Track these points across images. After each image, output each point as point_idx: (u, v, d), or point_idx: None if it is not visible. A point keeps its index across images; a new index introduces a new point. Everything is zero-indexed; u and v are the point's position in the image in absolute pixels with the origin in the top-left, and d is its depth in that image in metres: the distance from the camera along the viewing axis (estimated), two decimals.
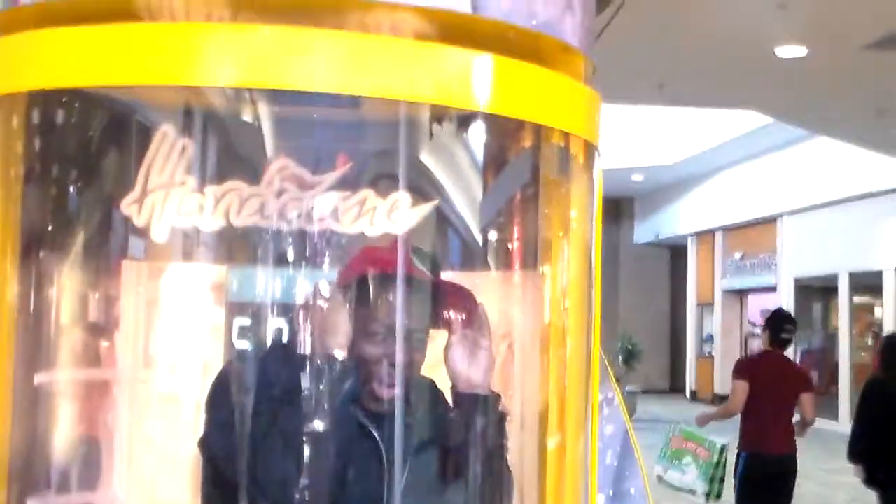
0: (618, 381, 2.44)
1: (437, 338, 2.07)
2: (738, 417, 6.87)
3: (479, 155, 2.12)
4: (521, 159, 2.06)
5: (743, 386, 6.70)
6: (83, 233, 2.15)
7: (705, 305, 24.03)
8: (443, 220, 2.18)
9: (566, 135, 1.92)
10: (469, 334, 2.00)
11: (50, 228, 2.10)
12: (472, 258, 2.27)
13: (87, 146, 2.20)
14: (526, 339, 2.10)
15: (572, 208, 1.99)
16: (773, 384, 6.69)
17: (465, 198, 2.17)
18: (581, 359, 1.93)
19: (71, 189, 2.17)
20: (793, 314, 7.73)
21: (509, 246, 2.19)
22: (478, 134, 2.07)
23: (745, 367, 7.04)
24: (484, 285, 2.21)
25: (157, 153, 2.16)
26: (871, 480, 6.64)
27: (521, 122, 1.90)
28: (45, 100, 1.91)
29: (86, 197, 2.19)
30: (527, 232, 2.13)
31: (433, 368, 2.08)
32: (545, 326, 2.02)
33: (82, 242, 2.13)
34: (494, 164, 2.14)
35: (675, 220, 24.49)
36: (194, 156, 2.15)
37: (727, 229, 22.73)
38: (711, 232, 23.29)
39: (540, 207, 2.06)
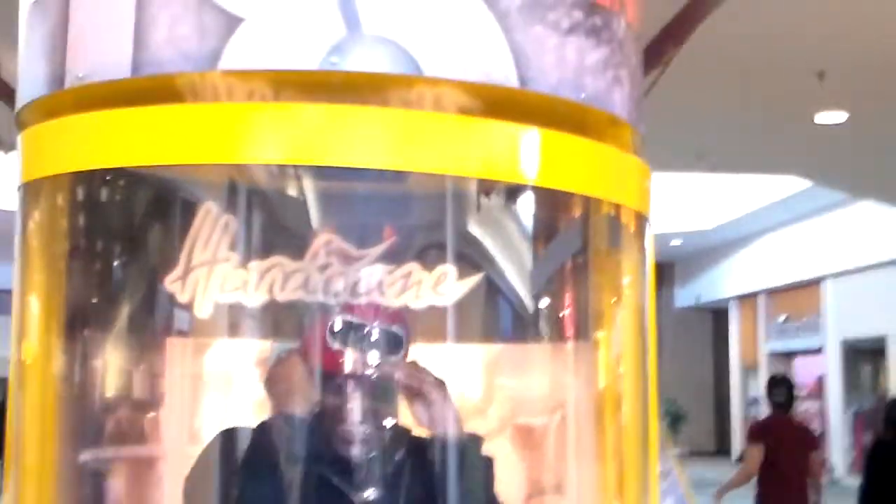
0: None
1: None
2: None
3: (528, 226, 2.09)
4: (571, 231, 2.03)
5: (758, 449, 6.87)
6: (127, 310, 2.14)
7: (750, 369, 23.69)
8: (492, 291, 2.14)
9: (616, 206, 1.89)
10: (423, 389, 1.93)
11: (94, 306, 2.09)
12: (521, 330, 2.23)
13: (131, 223, 2.19)
14: (580, 410, 2.05)
15: (624, 277, 1.95)
16: (784, 446, 6.84)
17: (514, 269, 2.13)
18: (638, 428, 1.87)
19: (115, 266, 2.16)
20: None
21: (560, 316, 2.14)
22: (526, 206, 2.04)
23: (758, 431, 7.19)
24: (535, 357, 2.17)
25: (201, 230, 2.15)
26: None
27: (570, 193, 1.88)
28: (89, 178, 1.91)
29: (129, 274, 2.18)
30: (578, 302, 2.09)
31: None
32: (599, 397, 1.97)
33: (126, 319, 2.12)
34: (544, 235, 2.11)
35: (717, 283, 24.24)
36: (238, 232, 2.14)
37: (770, 292, 22.46)
38: (754, 295, 23.01)
39: (591, 278, 2.02)
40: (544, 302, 2.20)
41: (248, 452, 1.90)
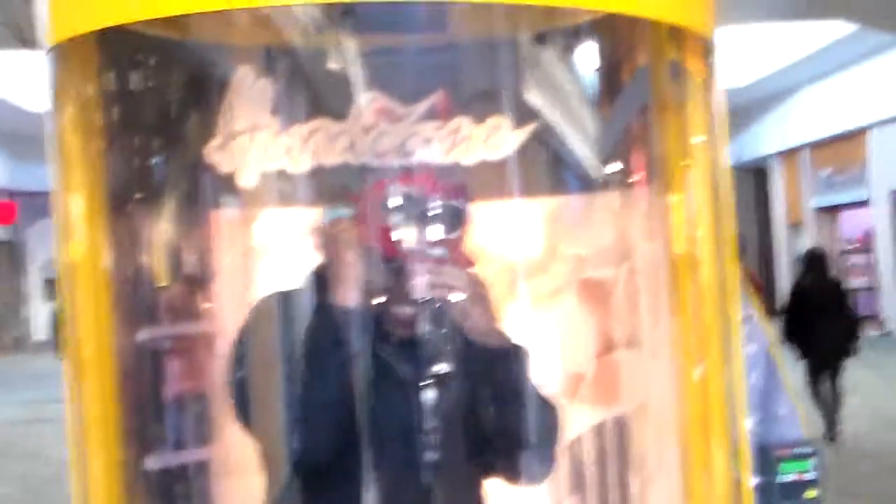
0: None
1: None
2: None
3: (586, 72, 1.96)
4: (633, 75, 1.90)
5: None
6: (169, 187, 2.05)
7: (795, 226, 23.52)
8: (547, 141, 2.03)
9: (680, 44, 1.74)
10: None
11: (135, 187, 2.00)
12: (582, 180, 2.12)
13: (166, 98, 2.09)
14: (649, 260, 1.94)
15: (693, 118, 1.82)
16: None
17: (572, 119, 2.01)
18: (715, 278, 1.76)
19: (152, 144, 2.07)
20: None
21: (625, 163, 2.03)
22: (583, 51, 1.91)
23: None
24: (598, 208, 2.07)
25: (238, 96, 2.05)
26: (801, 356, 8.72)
27: (628, 29, 1.74)
28: (120, 49, 1.80)
29: (168, 150, 2.09)
30: (643, 149, 1.97)
31: None
32: (671, 245, 1.85)
33: (169, 197, 2.03)
34: (604, 81, 1.98)
35: (757, 141, 23.90)
36: (276, 97, 2.03)
37: (813, 146, 22.14)
38: (796, 150, 22.70)
39: (653, 122, 1.89)
40: (606, 150, 2.07)
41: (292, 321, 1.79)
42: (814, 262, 9.29)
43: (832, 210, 22.30)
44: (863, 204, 20.49)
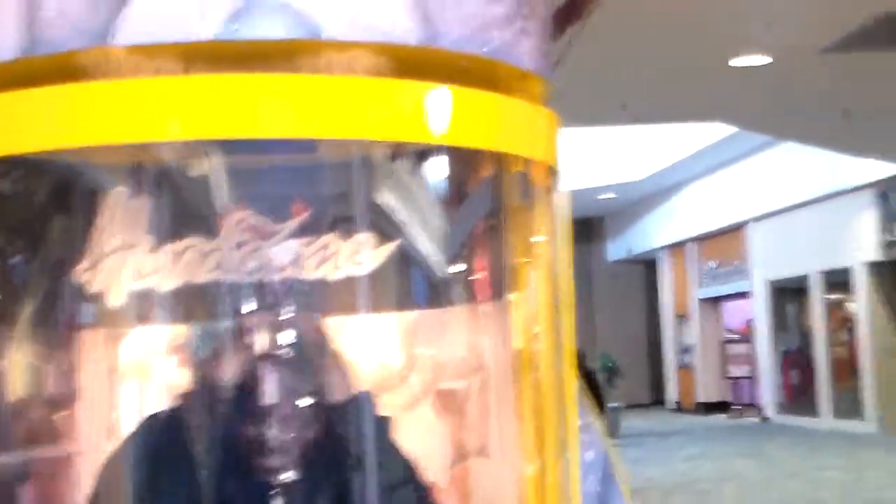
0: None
1: None
2: None
3: (439, 188, 2.07)
4: (482, 189, 2.01)
5: None
6: (34, 308, 2.06)
7: (682, 317, 24.07)
8: (407, 258, 2.11)
9: (527, 161, 1.86)
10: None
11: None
12: (438, 295, 2.21)
13: (33, 214, 2.12)
14: (498, 370, 2.04)
15: (537, 233, 1.93)
16: None
17: (428, 234, 2.11)
18: (554, 385, 1.87)
19: (18, 261, 2.09)
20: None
21: (475, 278, 2.13)
22: (436, 167, 2.01)
23: None
24: (453, 320, 2.15)
25: (108, 216, 2.08)
26: None
27: (480, 151, 1.85)
28: None
29: (34, 268, 2.11)
30: (492, 263, 2.07)
31: None
32: (516, 356, 1.96)
33: (34, 315, 2.04)
34: (455, 196, 2.08)
35: (647, 234, 24.56)
36: (148, 216, 2.07)
37: (698, 239, 22.83)
38: (683, 243, 23.37)
39: (504, 236, 2.00)
40: (459, 265, 2.17)
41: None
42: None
43: (716, 301, 22.94)
44: (744, 295, 21.13)
